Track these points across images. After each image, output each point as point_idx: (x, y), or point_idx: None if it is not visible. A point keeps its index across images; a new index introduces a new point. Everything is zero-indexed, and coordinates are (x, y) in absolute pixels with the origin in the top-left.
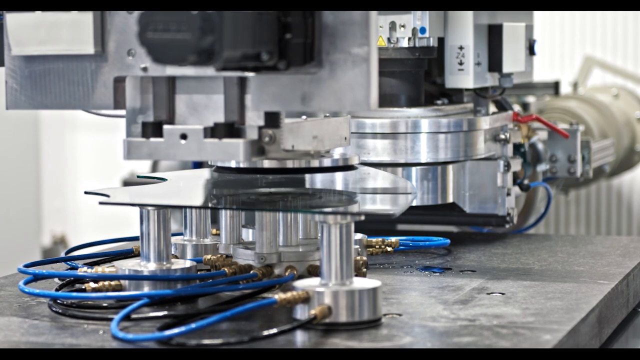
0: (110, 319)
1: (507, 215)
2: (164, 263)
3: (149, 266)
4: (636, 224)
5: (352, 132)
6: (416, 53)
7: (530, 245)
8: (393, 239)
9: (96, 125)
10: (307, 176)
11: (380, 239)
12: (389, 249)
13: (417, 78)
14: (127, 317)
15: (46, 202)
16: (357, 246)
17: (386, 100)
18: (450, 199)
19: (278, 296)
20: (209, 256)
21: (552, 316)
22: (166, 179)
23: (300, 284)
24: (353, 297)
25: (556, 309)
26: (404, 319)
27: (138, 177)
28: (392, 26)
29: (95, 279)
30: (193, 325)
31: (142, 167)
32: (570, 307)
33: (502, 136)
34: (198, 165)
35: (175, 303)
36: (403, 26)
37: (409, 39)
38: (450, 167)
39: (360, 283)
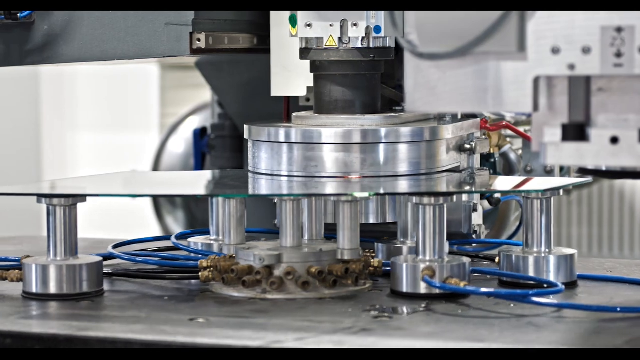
0: None
1: (473, 233)
2: None
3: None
4: (638, 224)
5: (298, 142)
6: (371, 54)
7: None
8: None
9: (97, 125)
10: None
11: None
12: None
13: (372, 82)
14: None
15: None
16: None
17: (338, 106)
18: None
19: None
20: (213, 256)
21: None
22: None
23: (28, 259)
24: (61, 271)
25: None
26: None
27: None
28: (344, 24)
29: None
30: None
31: (144, 167)
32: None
33: (468, 146)
34: (199, 167)
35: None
36: (356, 25)
37: (363, 38)
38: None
39: (81, 260)
